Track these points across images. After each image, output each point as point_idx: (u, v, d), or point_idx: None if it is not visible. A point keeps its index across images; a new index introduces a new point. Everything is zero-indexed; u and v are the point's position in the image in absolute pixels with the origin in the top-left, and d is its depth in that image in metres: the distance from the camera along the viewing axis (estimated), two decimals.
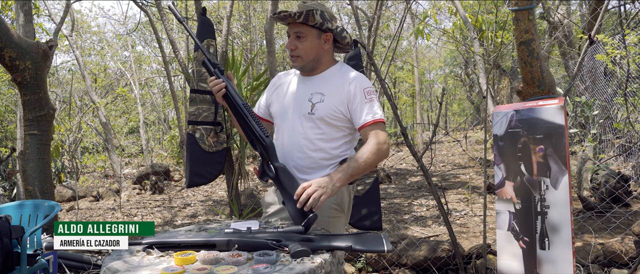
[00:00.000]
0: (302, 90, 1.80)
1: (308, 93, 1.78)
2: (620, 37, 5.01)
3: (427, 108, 21.99)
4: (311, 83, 1.80)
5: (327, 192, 1.55)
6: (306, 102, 1.76)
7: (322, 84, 1.78)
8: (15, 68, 3.39)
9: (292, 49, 1.76)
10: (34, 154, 3.49)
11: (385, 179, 7.56)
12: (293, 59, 1.78)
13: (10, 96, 8.88)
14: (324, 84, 1.78)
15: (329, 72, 1.81)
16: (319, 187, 1.55)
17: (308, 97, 1.77)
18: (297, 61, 1.78)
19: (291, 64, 1.81)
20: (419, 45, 16.71)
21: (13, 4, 5.46)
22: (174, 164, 10.90)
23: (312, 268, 1.18)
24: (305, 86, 1.81)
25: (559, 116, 1.84)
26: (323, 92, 1.76)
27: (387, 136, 1.73)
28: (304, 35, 1.74)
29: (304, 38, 1.74)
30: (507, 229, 1.96)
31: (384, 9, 9.40)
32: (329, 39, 1.78)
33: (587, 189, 4.79)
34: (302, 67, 1.80)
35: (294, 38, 1.75)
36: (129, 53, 13.92)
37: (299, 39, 1.75)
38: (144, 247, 1.36)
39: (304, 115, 1.76)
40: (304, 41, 1.75)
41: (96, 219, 5.83)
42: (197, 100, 2.96)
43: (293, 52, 1.76)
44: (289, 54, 1.79)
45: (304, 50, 1.76)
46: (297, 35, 1.75)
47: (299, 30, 1.74)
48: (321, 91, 1.76)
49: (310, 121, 1.74)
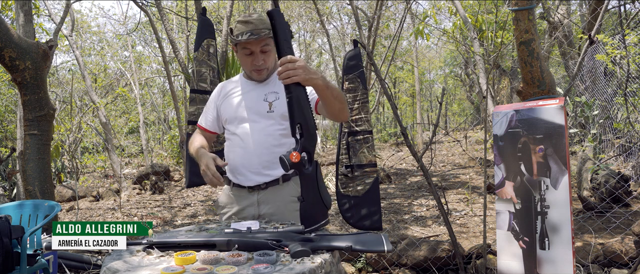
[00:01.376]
0: (255, 94, 1.87)
1: (262, 94, 1.85)
2: (620, 37, 5.01)
3: (427, 108, 22.00)
4: (262, 86, 1.88)
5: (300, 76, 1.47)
6: (262, 103, 1.84)
7: (273, 85, 1.86)
8: (15, 68, 3.39)
9: (260, 64, 1.82)
10: (34, 154, 3.49)
11: (385, 179, 7.56)
12: (259, 73, 1.85)
13: (10, 96, 8.88)
14: (275, 84, 1.86)
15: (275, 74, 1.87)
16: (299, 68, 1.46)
17: (263, 98, 1.85)
18: (263, 73, 1.86)
19: (256, 77, 1.87)
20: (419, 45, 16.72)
21: (13, 4, 5.46)
22: (174, 164, 10.90)
23: (312, 268, 1.18)
24: (256, 90, 1.88)
25: (559, 116, 1.84)
26: (277, 91, 1.84)
27: None
28: (268, 48, 1.81)
29: (269, 50, 1.82)
30: (507, 229, 1.96)
31: (384, 9, 9.40)
32: None
33: (587, 189, 4.79)
34: (266, 77, 1.88)
35: (259, 53, 1.81)
36: (129, 53, 13.92)
37: (264, 53, 1.82)
38: (144, 247, 1.36)
39: (262, 115, 1.83)
40: (269, 53, 1.83)
41: (96, 219, 5.83)
42: (197, 100, 2.96)
43: (261, 65, 1.83)
44: (255, 69, 1.84)
45: (269, 62, 1.84)
46: (262, 50, 1.81)
47: (265, 43, 1.80)
48: (274, 90, 1.85)
49: (270, 118, 1.82)
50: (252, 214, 1.87)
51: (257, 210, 1.87)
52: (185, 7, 8.25)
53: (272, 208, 1.85)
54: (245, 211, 1.88)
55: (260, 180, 1.84)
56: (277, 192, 1.85)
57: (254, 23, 1.77)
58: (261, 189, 1.85)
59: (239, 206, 1.89)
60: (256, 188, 1.86)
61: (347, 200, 2.71)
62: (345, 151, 2.70)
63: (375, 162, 2.74)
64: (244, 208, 1.88)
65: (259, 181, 1.84)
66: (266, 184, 1.84)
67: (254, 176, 1.84)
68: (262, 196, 1.86)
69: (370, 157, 2.70)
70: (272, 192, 1.85)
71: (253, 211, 1.87)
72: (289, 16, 12.82)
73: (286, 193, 1.85)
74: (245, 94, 1.89)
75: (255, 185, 1.85)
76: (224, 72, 3.54)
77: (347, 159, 2.70)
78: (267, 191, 1.85)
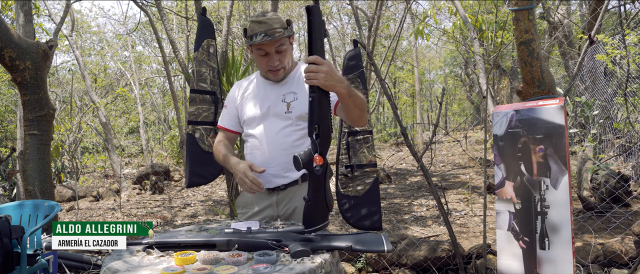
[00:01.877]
0: (273, 93, 1.85)
1: (280, 95, 1.83)
2: (620, 37, 5.01)
3: (427, 108, 22.00)
4: (280, 86, 1.86)
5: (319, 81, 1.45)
6: (281, 104, 1.82)
7: (291, 85, 1.84)
8: (15, 68, 3.39)
9: (276, 65, 1.79)
10: (34, 154, 3.49)
11: (385, 179, 7.56)
12: (275, 73, 1.82)
13: (10, 96, 8.88)
14: (293, 84, 1.84)
15: (294, 72, 1.87)
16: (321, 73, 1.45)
17: (281, 98, 1.83)
18: (280, 73, 1.83)
19: (272, 78, 1.84)
20: (419, 45, 16.72)
21: (13, 4, 5.46)
22: (174, 164, 10.90)
23: (312, 268, 1.18)
24: (274, 89, 1.86)
25: (559, 116, 1.84)
26: (295, 91, 1.82)
27: None
28: (284, 48, 1.78)
29: (285, 50, 1.79)
30: (507, 229, 1.96)
31: (384, 9, 9.40)
32: (292, 40, 1.84)
33: (587, 189, 4.79)
34: (282, 77, 1.85)
35: (274, 54, 1.78)
36: (129, 53, 13.92)
37: (280, 53, 1.78)
38: (144, 247, 1.36)
39: (281, 116, 1.81)
40: (285, 52, 1.79)
41: (96, 219, 5.83)
42: (197, 100, 2.95)
43: (277, 66, 1.79)
44: (271, 70, 1.81)
45: (286, 61, 1.81)
46: (278, 50, 1.77)
47: (280, 44, 1.77)
48: (293, 91, 1.82)
49: (288, 119, 1.81)
50: (271, 215, 1.88)
51: (276, 210, 1.87)
52: (185, 7, 8.24)
53: (290, 208, 1.85)
54: (264, 211, 1.88)
55: (280, 182, 1.84)
56: (295, 193, 1.85)
57: (267, 23, 1.73)
58: (280, 190, 1.85)
59: (258, 207, 1.89)
60: (276, 189, 1.86)
61: (347, 200, 2.71)
62: (345, 151, 2.70)
63: (375, 162, 2.73)
64: (263, 209, 1.89)
65: (278, 183, 1.84)
66: (285, 185, 1.84)
67: (273, 178, 1.84)
68: (281, 196, 1.86)
69: (370, 157, 2.69)
70: (290, 193, 1.85)
71: (272, 212, 1.87)
72: (289, 16, 12.83)
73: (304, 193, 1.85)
74: (263, 94, 1.88)
75: (274, 187, 1.85)
76: (224, 72, 3.54)
77: (347, 159, 2.70)
78: (286, 191, 1.85)
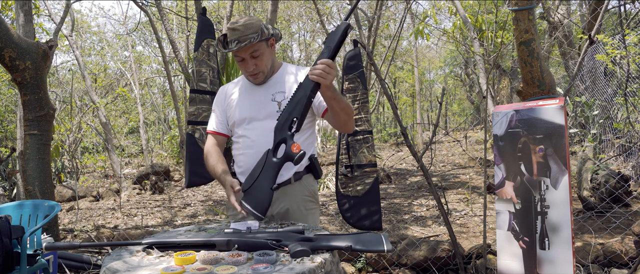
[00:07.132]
0: (261, 94, 1.86)
1: (269, 95, 1.84)
2: (620, 37, 5.00)
3: (427, 108, 22.00)
4: (267, 86, 1.87)
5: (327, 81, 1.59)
6: (271, 103, 1.83)
7: (280, 84, 1.86)
8: (15, 68, 3.39)
9: (252, 70, 1.81)
10: (34, 154, 3.49)
11: (385, 179, 7.56)
12: (254, 76, 1.84)
13: (10, 96, 8.87)
14: (281, 84, 1.85)
15: (280, 73, 1.89)
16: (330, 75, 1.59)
17: (270, 98, 1.84)
18: (259, 77, 1.85)
19: (253, 81, 1.87)
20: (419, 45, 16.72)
21: (13, 4, 5.46)
22: (174, 164, 10.90)
23: (312, 268, 1.18)
24: (262, 90, 1.87)
25: (559, 116, 1.84)
26: (283, 90, 1.83)
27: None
28: (259, 53, 1.80)
29: (261, 55, 1.80)
30: (507, 229, 1.96)
31: (384, 9, 9.40)
32: (273, 42, 1.86)
33: (587, 189, 4.79)
34: (263, 79, 1.86)
35: (250, 59, 1.80)
36: (129, 53, 13.92)
37: (255, 58, 1.80)
38: (143, 247, 1.36)
39: (272, 115, 1.81)
40: (261, 57, 1.81)
41: (96, 219, 5.83)
42: (196, 100, 2.95)
43: (254, 70, 1.82)
44: (249, 74, 1.84)
45: (263, 65, 1.82)
46: (252, 55, 1.79)
47: (254, 49, 1.78)
48: (281, 90, 1.84)
49: None
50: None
51: (269, 210, 1.85)
52: (185, 7, 8.25)
53: (284, 207, 1.85)
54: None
55: None
56: (289, 191, 1.85)
57: (240, 30, 1.75)
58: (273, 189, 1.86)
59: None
60: None
61: (347, 200, 2.71)
62: (345, 151, 2.70)
63: (375, 162, 2.73)
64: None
65: None
66: (278, 184, 1.83)
67: None
68: (274, 196, 1.83)
69: (370, 157, 2.69)
70: (283, 192, 1.85)
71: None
72: (289, 16, 12.82)
73: (298, 192, 1.85)
74: (251, 95, 1.88)
75: None
76: (224, 72, 3.54)
77: (347, 159, 2.70)
78: (278, 190, 1.84)
